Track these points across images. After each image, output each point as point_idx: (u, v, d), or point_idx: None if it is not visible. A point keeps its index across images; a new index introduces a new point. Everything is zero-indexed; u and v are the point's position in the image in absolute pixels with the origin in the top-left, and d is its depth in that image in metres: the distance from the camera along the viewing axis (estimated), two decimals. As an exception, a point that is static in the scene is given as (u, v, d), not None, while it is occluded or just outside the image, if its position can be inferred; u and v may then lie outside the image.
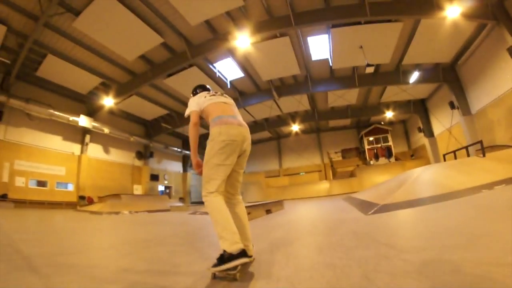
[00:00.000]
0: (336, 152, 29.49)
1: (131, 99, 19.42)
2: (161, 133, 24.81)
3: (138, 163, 24.93)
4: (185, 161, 31.99)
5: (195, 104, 2.84)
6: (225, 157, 2.50)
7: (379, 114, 24.01)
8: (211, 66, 16.56)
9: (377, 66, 17.26)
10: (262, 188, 25.43)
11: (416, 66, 16.91)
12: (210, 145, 2.53)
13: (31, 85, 16.52)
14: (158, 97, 20.35)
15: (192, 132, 2.77)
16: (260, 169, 31.60)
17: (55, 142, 18.14)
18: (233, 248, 2.15)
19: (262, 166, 32.74)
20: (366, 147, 26.92)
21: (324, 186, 21.88)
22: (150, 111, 22.12)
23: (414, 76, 16.80)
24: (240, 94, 20.29)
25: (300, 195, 21.58)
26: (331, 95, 20.86)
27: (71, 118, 17.70)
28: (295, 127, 26.65)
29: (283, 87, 19.75)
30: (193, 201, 31.99)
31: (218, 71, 16.88)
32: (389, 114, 23.60)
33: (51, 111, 16.63)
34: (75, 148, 19.43)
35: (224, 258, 2.14)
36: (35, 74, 15.71)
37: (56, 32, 13.04)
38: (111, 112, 20.23)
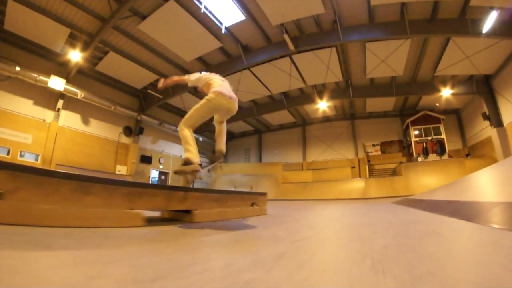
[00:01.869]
0: (374, 145, 24.59)
1: (111, 57, 16.52)
2: (154, 105, 21.66)
3: (125, 140, 21.62)
4: None
5: (195, 79, 4.27)
6: (208, 114, 3.83)
7: (432, 92, 18.91)
8: (196, 2, 12.66)
9: (435, 7, 12.58)
10: (277, 183, 21.16)
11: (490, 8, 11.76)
12: (204, 101, 3.70)
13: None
14: (142, 55, 17.04)
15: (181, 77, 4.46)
16: (278, 160, 27.24)
17: (24, 106, 15.79)
18: (194, 160, 3.61)
19: (282, 157, 28.38)
20: (413, 139, 21.86)
21: (357, 185, 17.15)
22: (138, 75, 18.64)
23: (490, 20, 11.82)
24: (243, 48, 16.10)
25: (324, 195, 17.07)
26: (370, 60, 16.30)
27: (39, 77, 15.28)
28: (323, 104, 21.61)
29: (303, 37, 15.13)
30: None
31: (205, 7, 12.74)
32: (446, 93, 18.46)
33: (18, 68, 14.45)
34: (48, 115, 16.74)
35: (187, 162, 3.60)
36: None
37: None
38: (95, 77, 18.69)
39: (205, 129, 25.40)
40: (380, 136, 24.65)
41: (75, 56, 15.14)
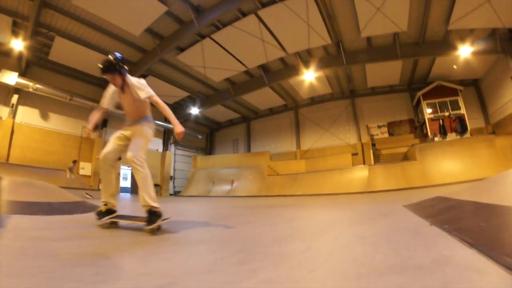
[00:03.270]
0: (379, 127, 20.94)
1: (59, 43, 15.44)
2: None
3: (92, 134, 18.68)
4: (167, 137, 25.34)
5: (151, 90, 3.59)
6: None
7: (446, 51, 15.08)
8: None
9: None
10: (262, 175, 18.09)
11: None
12: (150, 132, 3.67)
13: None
14: (91, 37, 15.45)
15: (165, 105, 3.59)
16: (267, 149, 24.11)
17: None
18: (158, 206, 3.24)
19: (273, 146, 25.32)
20: (427, 116, 18.11)
21: (359, 175, 13.29)
22: (93, 61, 15.40)
23: None
24: (195, 9, 13.39)
25: (318, 188, 13.58)
26: (362, 9, 12.85)
27: (5, 76, 14.93)
28: (310, 75, 17.85)
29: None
30: (177, 191, 25.10)
31: None
32: (464, 52, 14.68)
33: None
34: (4, 111, 16.07)
35: (157, 213, 3.18)
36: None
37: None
38: (52, 68, 17.74)
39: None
40: (386, 116, 20.97)
41: (18, 45, 14.50)
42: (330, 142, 22.33)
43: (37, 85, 16.03)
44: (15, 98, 16.12)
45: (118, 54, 3.46)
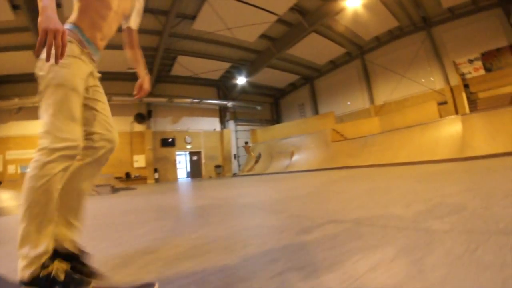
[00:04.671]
0: (471, 61, 16.10)
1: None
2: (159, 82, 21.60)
3: (139, 127, 21.69)
4: (223, 115, 24.77)
5: None
6: None
7: None
8: None
9: None
10: (326, 142, 15.44)
11: None
12: None
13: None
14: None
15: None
16: (333, 110, 20.61)
17: (37, 127, 15.03)
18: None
19: (343, 106, 22.12)
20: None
21: (448, 131, 9.37)
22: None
23: None
24: None
25: (392, 156, 10.36)
26: None
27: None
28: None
29: None
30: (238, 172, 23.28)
31: None
32: None
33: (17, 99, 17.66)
34: None
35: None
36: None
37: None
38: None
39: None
40: (477, 45, 15.81)
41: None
42: (409, 90, 18.18)
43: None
44: None
45: None
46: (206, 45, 18.13)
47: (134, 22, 2.08)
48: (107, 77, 17.94)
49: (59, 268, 1.25)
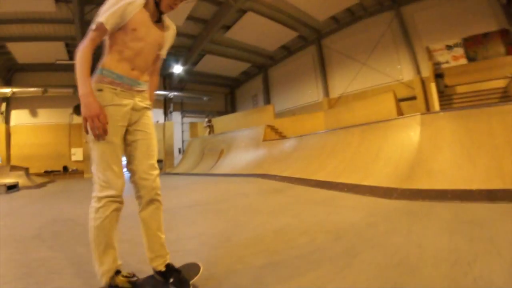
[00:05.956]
0: (449, 47, 12.64)
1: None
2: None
3: (78, 120, 20.96)
4: (167, 105, 23.09)
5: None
6: None
7: None
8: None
9: None
10: (257, 141, 12.21)
11: None
12: None
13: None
14: None
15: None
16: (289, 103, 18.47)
17: None
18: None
19: (296, 98, 19.13)
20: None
21: (403, 137, 5.22)
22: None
23: None
24: None
25: (317, 172, 6.54)
26: None
27: None
28: None
29: None
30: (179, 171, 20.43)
31: None
32: None
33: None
34: None
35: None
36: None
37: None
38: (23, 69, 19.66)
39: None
40: (458, 28, 12.36)
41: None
42: (370, 81, 14.67)
43: (14, 89, 17.96)
44: (3, 106, 19.01)
45: None
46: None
47: (165, 51, 2.05)
48: (41, 68, 19.23)
49: (121, 281, 1.68)
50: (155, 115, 21.00)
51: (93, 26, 1.67)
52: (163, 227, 1.85)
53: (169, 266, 1.78)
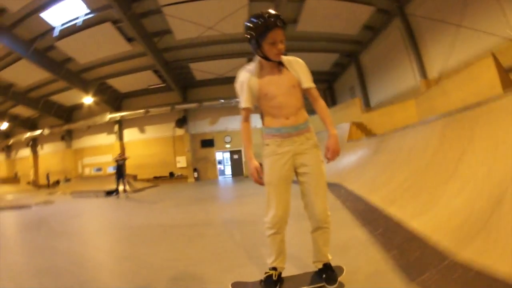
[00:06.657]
0: None
1: None
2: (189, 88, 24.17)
3: (180, 131, 24.42)
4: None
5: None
6: None
7: None
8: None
9: None
10: (342, 142, 10.42)
11: None
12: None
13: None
14: None
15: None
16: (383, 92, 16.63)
17: (102, 139, 25.79)
18: None
19: (391, 86, 16.67)
20: None
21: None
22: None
23: None
24: None
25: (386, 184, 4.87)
26: None
27: (107, 117, 23.39)
28: None
29: None
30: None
31: None
32: None
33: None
34: (112, 139, 25.15)
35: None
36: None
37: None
38: (130, 95, 24.82)
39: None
40: None
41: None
42: (472, 48, 11.03)
43: (125, 113, 23.99)
44: (116, 127, 24.88)
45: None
46: (210, 48, 18.18)
47: (305, 82, 2.15)
48: (140, 93, 23.72)
49: (274, 274, 2.13)
50: (252, 121, 21.23)
51: (241, 107, 2.18)
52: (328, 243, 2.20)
53: (326, 265, 2.18)
